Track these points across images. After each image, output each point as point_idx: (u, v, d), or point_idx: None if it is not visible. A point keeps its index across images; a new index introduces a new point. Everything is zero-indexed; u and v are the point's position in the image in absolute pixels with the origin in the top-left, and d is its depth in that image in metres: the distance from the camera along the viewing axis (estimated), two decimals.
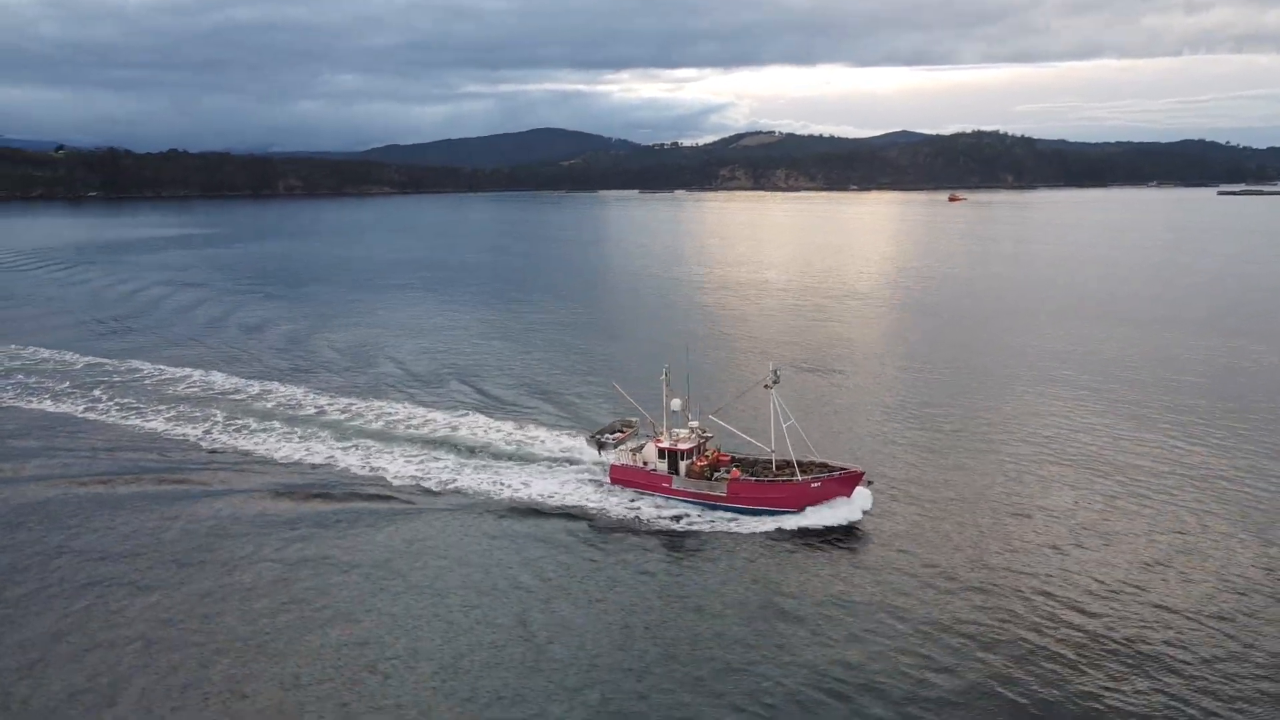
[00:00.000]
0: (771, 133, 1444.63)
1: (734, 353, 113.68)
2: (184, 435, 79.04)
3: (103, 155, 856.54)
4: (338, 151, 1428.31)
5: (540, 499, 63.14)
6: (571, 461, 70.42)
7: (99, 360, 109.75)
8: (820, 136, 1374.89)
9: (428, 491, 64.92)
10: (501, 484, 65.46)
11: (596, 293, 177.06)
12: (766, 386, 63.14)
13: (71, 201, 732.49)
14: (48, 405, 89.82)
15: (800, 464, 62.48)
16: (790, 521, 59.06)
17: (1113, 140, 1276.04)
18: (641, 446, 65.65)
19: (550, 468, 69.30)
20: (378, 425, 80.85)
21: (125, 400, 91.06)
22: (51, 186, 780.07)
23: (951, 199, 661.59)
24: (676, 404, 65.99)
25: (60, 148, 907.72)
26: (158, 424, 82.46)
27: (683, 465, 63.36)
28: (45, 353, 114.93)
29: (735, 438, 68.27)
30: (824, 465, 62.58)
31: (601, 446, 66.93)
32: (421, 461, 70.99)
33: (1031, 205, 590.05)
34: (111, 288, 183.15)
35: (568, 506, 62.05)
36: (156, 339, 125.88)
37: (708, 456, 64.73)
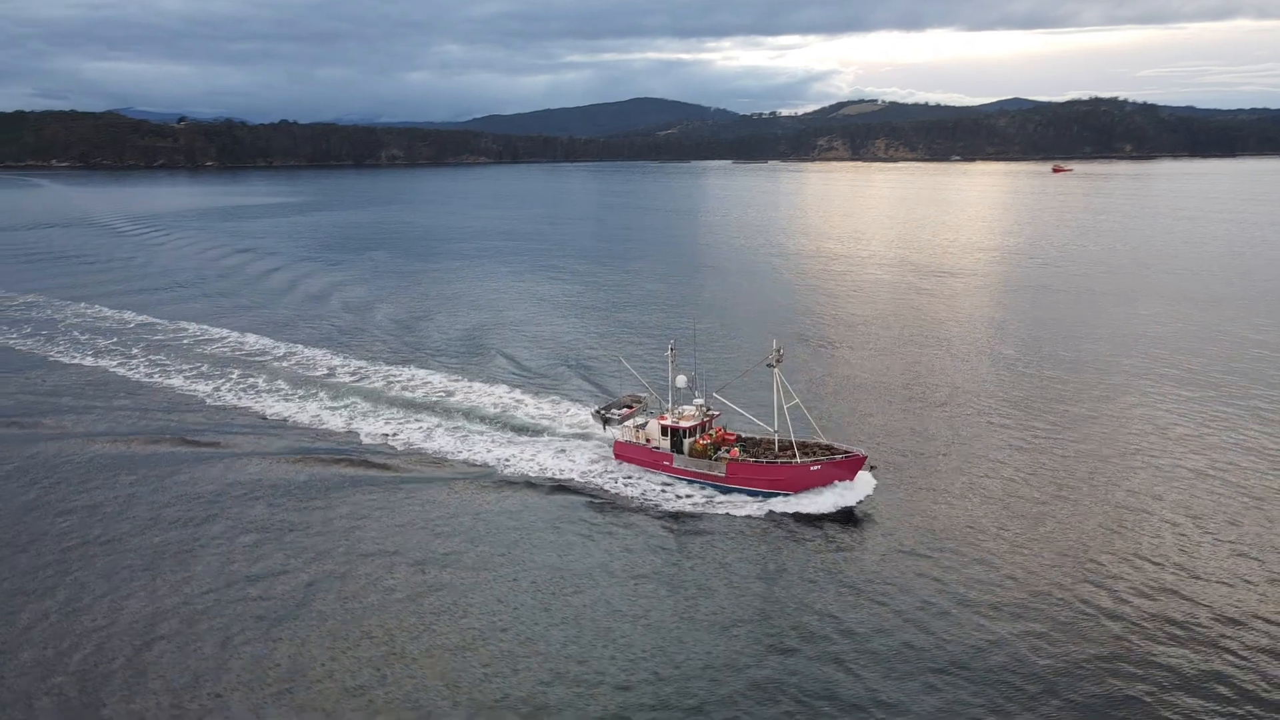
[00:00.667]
0: (874, 101, 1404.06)
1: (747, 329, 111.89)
2: (201, 393, 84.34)
3: (219, 126, 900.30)
4: (441, 122, 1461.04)
5: (541, 473, 63.73)
6: (586, 437, 70.77)
7: (152, 320, 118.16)
8: (926, 105, 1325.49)
9: (436, 460, 66.37)
10: (509, 457, 66.29)
11: (672, 264, 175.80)
12: (769, 365, 61.88)
13: (190, 170, 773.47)
14: (87, 360, 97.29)
15: (803, 446, 61.29)
16: (787, 504, 58.10)
17: (1246, 107, 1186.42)
18: (646, 423, 65.38)
19: (565, 442, 69.74)
20: (405, 394, 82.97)
21: (157, 358, 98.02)
22: (173, 156, 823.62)
23: (1055, 170, 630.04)
24: (682, 381, 65.44)
25: (182, 119, 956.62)
26: (178, 381, 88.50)
27: (686, 443, 62.88)
28: (107, 311, 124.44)
29: (739, 416, 67.40)
30: (828, 448, 61.19)
31: (606, 422, 67.03)
32: (437, 430, 72.70)
33: (1147, 176, 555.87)
34: (194, 252, 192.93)
35: (564, 481, 62.43)
36: (217, 302, 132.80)
37: (711, 435, 64.04)
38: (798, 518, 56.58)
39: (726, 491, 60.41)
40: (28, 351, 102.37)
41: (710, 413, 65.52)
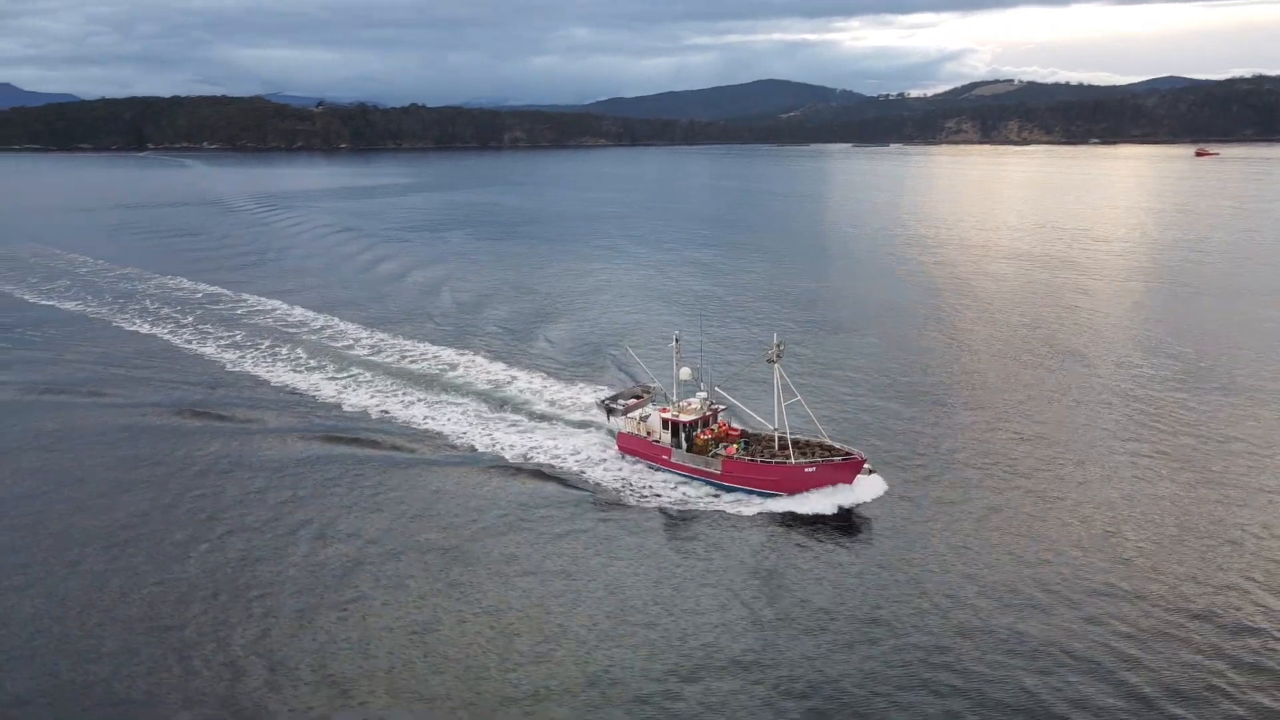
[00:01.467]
0: (1010, 81, 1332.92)
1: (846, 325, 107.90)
2: (236, 362, 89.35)
3: (354, 110, 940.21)
4: (564, 105, 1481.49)
5: (541, 461, 63.46)
6: (599, 426, 70.01)
7: (219, 290, 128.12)
8: (1067, 84, 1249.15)
9: (447, 445, 67.17)
10: (512, 444, 66.37)
11: (781, 251, 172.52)
12: (770, 361, 59.59)
13: (326, 152, 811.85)
14: (144, 328, 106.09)
15: (804, 445, 58.92)
16: (781, 505, 55.96)
17: None
18: (648, 416, 64.17)
19: (574, 431, 69.30)
20: (437, 373, 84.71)
21: (204, 328, 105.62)
22: (310, 139, 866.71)
23: (1199, 154, 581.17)
24: (685, 373, 64.01)
25: (320, 103, 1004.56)
26: (219, 351, 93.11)
27: (686, 438, 61.38)
28: (186, 282, 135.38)
29: (741, 411, 65.51)
30: (828, 449, 58.54)
31: (610, 413, 66.18)
32: (445, 408, 74.60)
33: None
34: (295, 230, 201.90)
35: (561, 471, 61.96)
36: (292, 279, 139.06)
37: (713, 430, 62.31)
38: (794, 519, 54.46)
39: (723, 490, 58.73)
40: (98, 318, 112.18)
41: (714, 407, 63.76)
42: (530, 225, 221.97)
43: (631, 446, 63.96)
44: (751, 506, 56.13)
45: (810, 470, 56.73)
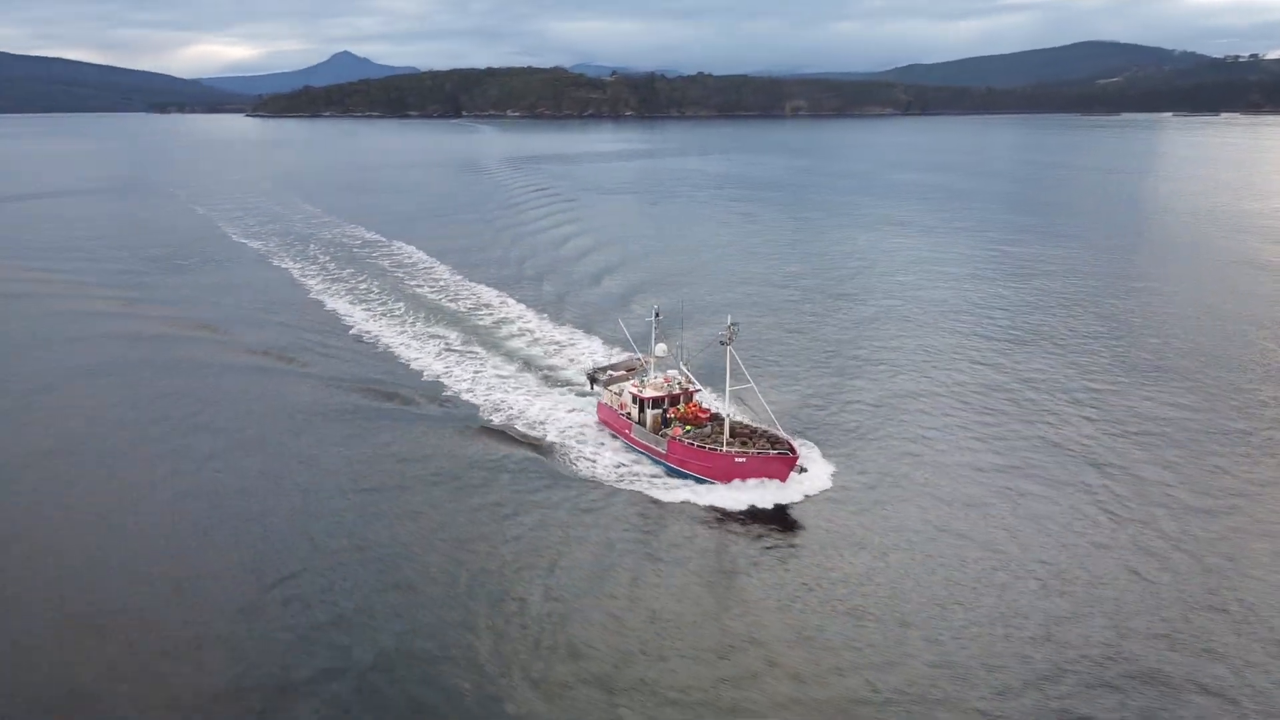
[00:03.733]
0: None
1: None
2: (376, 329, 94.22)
3: (641, 79, 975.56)
4: (858, 73, 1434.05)
5: (517, 426, 63.42)
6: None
7: (379, 239, 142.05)
8: None
9: (431, 394, 69.66)
10: (500, 405, 67.12)
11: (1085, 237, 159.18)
12: (723, 343, 55.87)
13: (614, 119, 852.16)
14: (294, 270, 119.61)
15: (748, 433, 55.22)
16: (713, 495, 52.62)
17: None
18: (623, 390, 62.69)
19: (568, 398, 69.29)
20: (493, 329, 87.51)
21: (341, 271, 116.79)
22: (600, 106, 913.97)
23: None
24: (661, 349, 61.62)
25: (614, 73, 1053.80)
26: (346, 306, 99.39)
27: (649, 414, 59.44)
28: (368, 235, 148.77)
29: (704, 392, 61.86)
30: (774, 439, 54.20)
31: (594, 383, 65.45)
32: (463, 366, 76.79)
33: None
34: (507, 189, 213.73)
35: (530, 437, 61.88)
36: (463, 237, 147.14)
37: (679, 410, 59.73)
38: (717, 510, 50.79)
39: (669, 471, 56.33)
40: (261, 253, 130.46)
41: (688, 385, 60.99)
42: (772, 191, 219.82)
43: (605, 417, 62.85)
44: (681, 492, 53.11)
45: (740, 460, 52.67)
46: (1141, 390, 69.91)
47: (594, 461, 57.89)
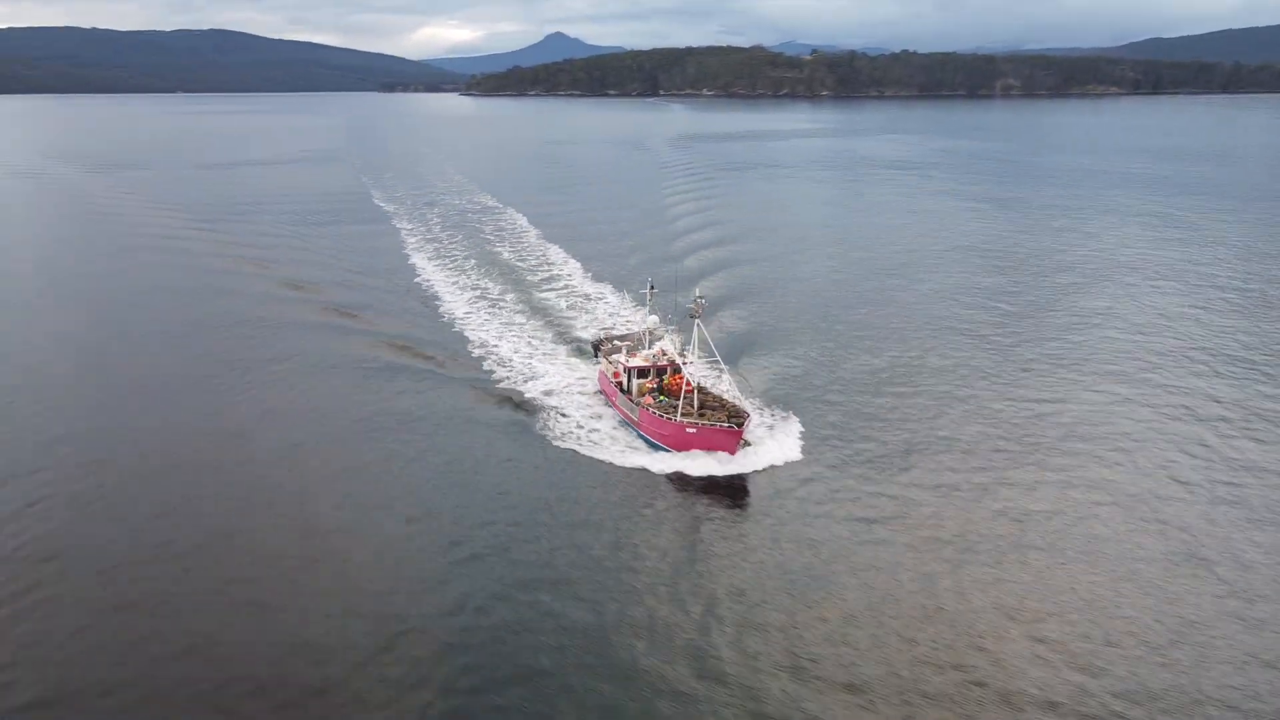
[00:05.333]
0: None
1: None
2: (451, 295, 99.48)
3: (841, 58, 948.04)
4: (1089, 48, 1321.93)
5: (527, 393, 65.02)
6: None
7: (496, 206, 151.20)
8: None
9: (462, 360, 72.60)
10: (511, 374, 68.83)
11: None
12: (691, 316, 55.81)
13: (809, 99, 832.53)
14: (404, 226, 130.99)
15: (715, 404, 55.76)
16: (670, 463, 52.98)
17: None
18: (617, 360, 63.54)
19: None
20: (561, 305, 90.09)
21: (457, 240, 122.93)
22: (795, 86, 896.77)
23: None
24: (653, 321, 62.34)
25: (814, 51, 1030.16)
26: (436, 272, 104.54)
27: (635, 384, 60.18)
28: (490, 201, 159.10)
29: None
30: (732, 413, 53.90)
31: (596, 351, 66.88)
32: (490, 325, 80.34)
33: None
34: (613, 167, 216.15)
35: (535, 403, 63.34)
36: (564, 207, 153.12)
37: (659, 380, 60.00)
38: (672, 478, 51.40)
39: (642, 439, 57.02)
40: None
41: (675, 358, 60.93)
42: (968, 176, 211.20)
43: (604, 386, 64.14)
44: (637, 458, 53.78)
45: (691, 431, 52.74)
46: None
47: (576, 422, 59.34)
